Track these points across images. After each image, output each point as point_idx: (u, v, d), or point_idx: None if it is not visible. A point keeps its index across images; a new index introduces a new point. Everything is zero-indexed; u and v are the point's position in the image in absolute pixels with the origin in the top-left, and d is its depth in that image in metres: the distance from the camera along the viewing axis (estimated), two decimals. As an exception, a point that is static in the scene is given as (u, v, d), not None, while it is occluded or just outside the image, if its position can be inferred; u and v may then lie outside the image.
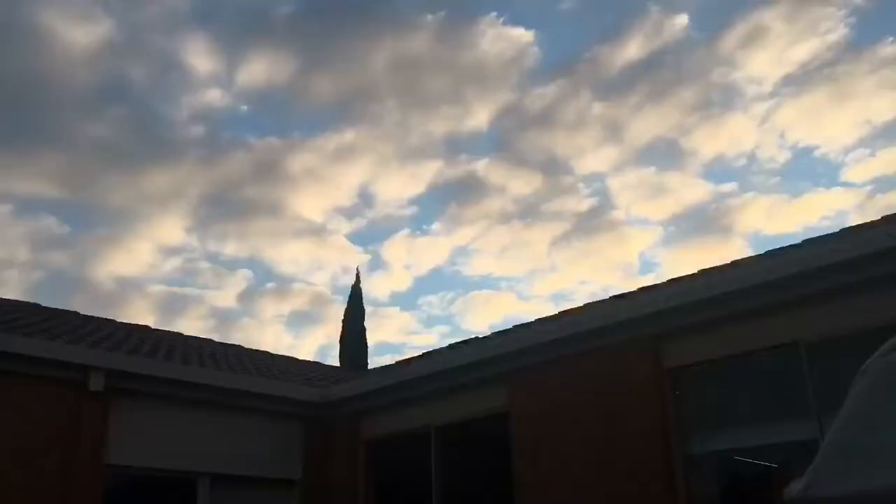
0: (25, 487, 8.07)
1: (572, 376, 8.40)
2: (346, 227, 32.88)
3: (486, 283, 36.68)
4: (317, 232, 31.61)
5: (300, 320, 37.73)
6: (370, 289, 37.33)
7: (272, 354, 14.03)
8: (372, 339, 31.38)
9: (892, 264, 6.37)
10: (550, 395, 8.55)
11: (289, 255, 32.89)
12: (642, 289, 9.45)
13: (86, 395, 8.68)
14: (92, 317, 12.09)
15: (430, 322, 39.09)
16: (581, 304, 9.90)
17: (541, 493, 8.33)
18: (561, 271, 34.42)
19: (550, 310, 35.28)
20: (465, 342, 11.44)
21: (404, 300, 38.25)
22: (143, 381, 9.17)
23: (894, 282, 6.42)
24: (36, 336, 8.78)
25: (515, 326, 10.50)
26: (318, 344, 38.80)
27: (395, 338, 39.45)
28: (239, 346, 13.72)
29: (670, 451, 7.50)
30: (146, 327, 12.60)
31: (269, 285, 35.16)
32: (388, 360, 37.86)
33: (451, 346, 11.69)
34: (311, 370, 13.38)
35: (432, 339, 40.26)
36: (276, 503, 10.48)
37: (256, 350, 13.89)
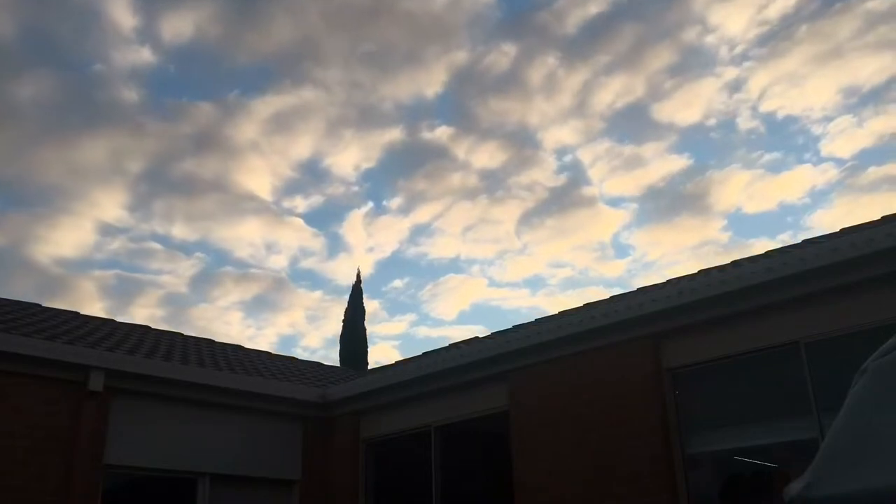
0: (25, 487, 8.07)
1: (572, 376, 8.40)
2: (300, 204, 30.18)
3: (455, 266, 33.82)
4: (270, 211, 29.19)
5: (260, 307, 34.59)
6: (333, 273, 33.65)
7: (272, 354, 14.02)
8: (338, 328, 29.31)
9: (892, 264, 6.37)
10: (550, 395, 8.55)
11: (243, 237, 30.28)
12: (642, 289, 9.45)
13: (85, 395, 8.68)
14: (91, 317, 12.09)
15: (396, 309, 36.03)
16: (580, 304, 9.90)
17: (541, 493, 8.33)
18: (532, 253, 31.90)
19: (524, 296, 33.02)
20: (465, 342, 11.44)
21: (369, 286, 34.90)
22: (142, 381, 9.17)
23: (894, 282, 6.43)
24: (36, 336, 8.78)
25: (515, 326, 10.50)
26: (280, 333, 35.56)
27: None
28: (239, 345, 13.71)
29: (670, 451, 7.50)
30: (146, 327, 12.58)
31: (224, 269, 31.96)
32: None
33: (450, 346, 11.69)
34: (311, 370, 13.37)
35: (402, 328, 36.50)
36: (276, 503, 10.47)
37: (256, 350, 13.89)
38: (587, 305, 9.63)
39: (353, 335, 21.68)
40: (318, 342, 36.90)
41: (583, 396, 8.24)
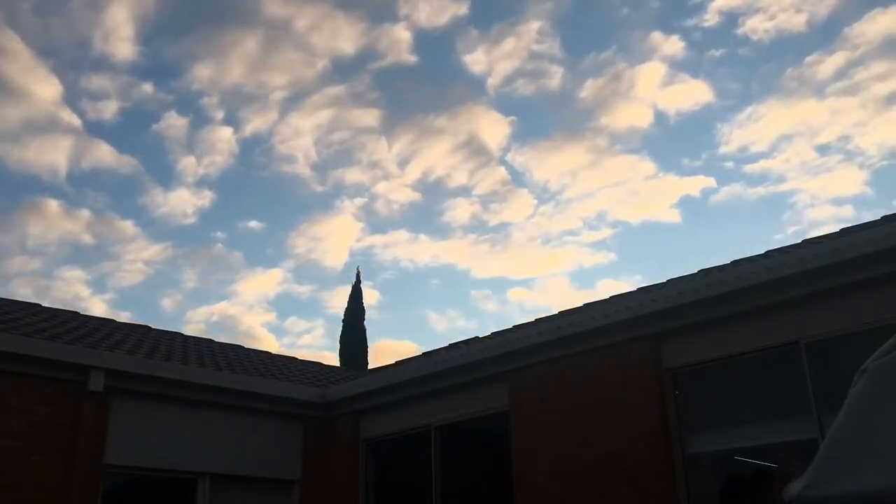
0: (25, 487, 8.07)
1: (572, 376, 8.41)
2: (103, 113, 23.63)
3: (321, 201, 26.81)
4: (72, 132, 23.24)
5: (93, 257, 27.85)
6: (168, 212, 26.85)
7: (272, 354, 14.04)
8: (192, 284, 24.44)
9: (892, 264, 6.37)
10: (550, 395, 8.55)
11: (47, 163, 24.11)
12: (642, 289, 9.46)
13: (86, 395, 8.68)
14: (92, 317, 12.10)
15: (262, 260, 29.78)
16: (581, 304, 9.90)
17: (541, 493, 8.33)
18: (414, 178, 25.60)
19: (424, 245, 27.98)
20: (465, 342, 11.45)
21: (214, 224, 28.13)
22: (143, 381, 9.17)
23: (894, 282, 6.43)
24: (36, 336, 8.78)
25: (515, 326, 10.50)
26: (127, 294, 28.38)
27: (227, 288, 30.15)
28: (239, 345, 13.74)
29: (670, 451, 7.51)
30: (146, 327, 12.60)
31: (30, 201, 25.61)
32: (213, 308, 30.27)
33: (450, 346, 11.69)
34: (311, 370, 13.38)
35: (273, 284, 28.87)
36: (276, 503, 10.47)
37: (256, 350, 13.91)
38: (587, 306, 9.64)
39: (353, 335, 21.67)
40: (173, 307, 30.12)
41: (583, 396, 8.24)
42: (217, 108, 23.98)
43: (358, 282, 22.70)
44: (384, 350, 30.03)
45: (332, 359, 19.77)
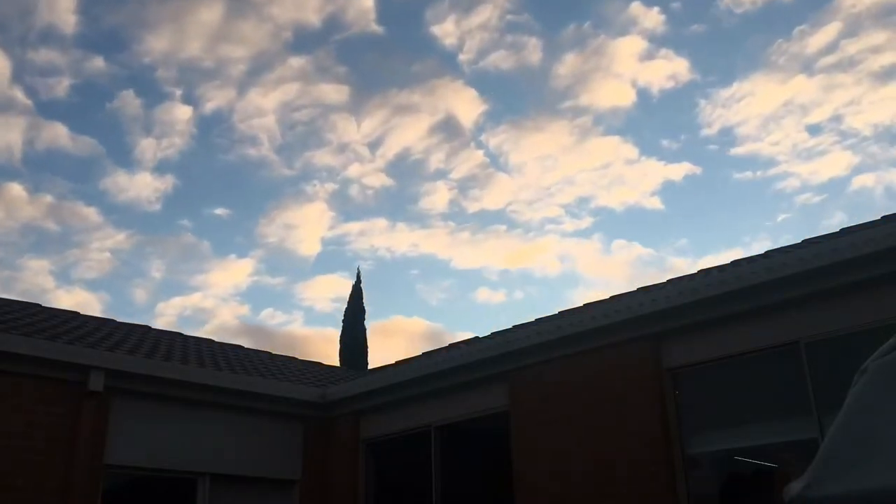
0: (25, 487, 8.07)
1: (572, 376, 8.40)
2: (54, 90, 22.64)
3: (289, 183, 25.37)
4: (25, 112, 22.61)
5: (53, 244, 27.11)
6: (133, 197, 25.65)
7: (272, 354, 14.04)
8: (160, 274, 23.77)
9: (892, 264, 6.37)
10: (550, 395, 8.55)
11: (0, 145, 22.94)
12: (642, 289, 9.45)
13: (86, 395, 8.67)
14: (92, 317, 12.10)
15: (227, 249, 29.10)
16: (581, 304, 9.90)
17: (541, 493, 8.33)
18: (384, 157, 24.29)
19: (400, 234, 27.02)
20: (465, 342, 11.45)
21: (179, 212, 26.75)
22: (142, 381, 9.16)
23: (894, 282, 6.43)
24: (36, 336, 8.78)
25: (515, 326, 10.50)
26: (86, 286, 28.53)
27: (196, 279, 29.38)
28: (239, 345, 13.74)
29: (670, 451, 7.50)
30: (146, 327, 12.59)
31: None
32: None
33: (450, 346, 11.69)
34: (311, 370, 13.38)
35: (243, 276, 27.97)
36: (276, 503, 10.47)
37: (256, 350, 13.91)
38: (587, 305, 9.64)
39: (353, 335, 21.66)
40: (143, 299, 29.18)
41: (583, 396, 8.24)
42: (174, 84, 22.85)
43: (358, 282, 22.70)
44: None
45: (317, 354, 19.14)
